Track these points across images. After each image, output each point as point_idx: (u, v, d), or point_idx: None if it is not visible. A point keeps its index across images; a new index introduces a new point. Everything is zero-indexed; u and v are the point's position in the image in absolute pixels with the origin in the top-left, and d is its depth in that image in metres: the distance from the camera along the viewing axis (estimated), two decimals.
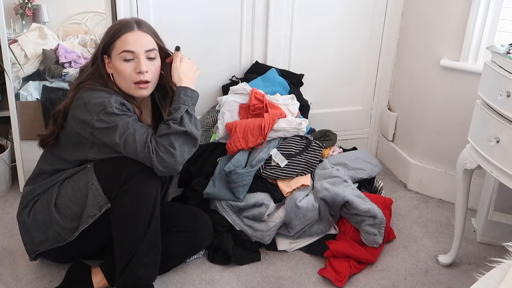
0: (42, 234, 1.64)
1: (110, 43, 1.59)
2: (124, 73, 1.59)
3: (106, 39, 1.60)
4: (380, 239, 1.92)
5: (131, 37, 1.59)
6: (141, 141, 1.50)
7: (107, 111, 1.51)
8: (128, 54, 1.58)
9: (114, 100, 1.53)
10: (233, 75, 2.37)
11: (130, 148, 1.51)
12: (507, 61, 1.50)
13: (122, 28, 1.59)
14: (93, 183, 1.55)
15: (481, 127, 1.62)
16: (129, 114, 1.55)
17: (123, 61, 1.58)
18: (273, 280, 1.81)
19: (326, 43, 2.46)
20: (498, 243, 2.03)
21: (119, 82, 1.61)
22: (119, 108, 1.52)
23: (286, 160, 1.99)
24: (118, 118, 1.51)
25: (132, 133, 1.50)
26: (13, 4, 3.07)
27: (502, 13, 2.03)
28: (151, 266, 1.59)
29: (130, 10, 2.11)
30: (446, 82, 2.23)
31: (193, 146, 1.58)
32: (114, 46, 1.59)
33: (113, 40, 1.58)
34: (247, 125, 2.03)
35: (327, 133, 2.26)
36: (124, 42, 1.58)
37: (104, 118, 1.51)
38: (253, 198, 1.94)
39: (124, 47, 1.58)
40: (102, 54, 1.61)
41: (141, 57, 1.58)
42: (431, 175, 2.39)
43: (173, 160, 1.51)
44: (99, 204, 1.55)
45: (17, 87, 2.34)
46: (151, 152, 1.49)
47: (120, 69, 1.59)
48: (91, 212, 1.55)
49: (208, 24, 2.26)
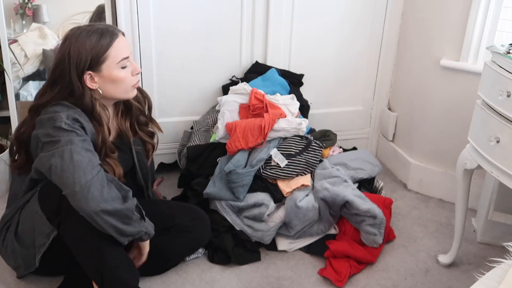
0: (13, 262, 1.62)
1: (99, 56, 1.50)
2: (124, 80, 1.56)
3: (90, 55, 1.49)
4: (380, 239, 1.92)
5: (122, 42, 1.54)
6: (80, 164, 1.38)
7: (55, 125, 1.42)
8: (126, 60, 1.55)
9: (65, 115, 1.44)
10: (233, 75, 2.37)
11: (61, 163, 1.38)
12: (507, 61, 1.49)
13: (106, 37, 1.51)
14: (37, 211, 1.49)
15: (481, 127, 1.62)
16: (79, 132, 1.44)
17: (121, 68, 1.54)
18: (273, 280, 1.81)
19: (326, 43, 2.46)
20: (498, 243, 2.02)
21: (113, 91, 1.56)
22: (69, 124, 1.43)
23: (286, 160, 1.99)
24: (64, 133, 1.42)
25: (72, 150, 1.39)
26: (13, 4, 3.07)
27: (502, 13, 2.03)
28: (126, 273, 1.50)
29: (130, 9, 2.11)
30: (446, 82, 2.23)
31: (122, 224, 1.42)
32: (107, 57, 1.51)
33: (103, 52, 1.50)
34: (247, 125, 2.03)
35: (327, 133, 2.26)
36: (119, 50, 1.53)
37: (51, 132, 1.42)
38: (253, 198, 1.94)
39: (122, 54, 1.54)
40: (83, 74, 1.50)
41: (131, 59, 1.58)
42: (431, 175, 2.39)
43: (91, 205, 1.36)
44: (46, 232, 1.49)
45: (17, 87, 2.34)
46: (85, 183, 1.36)
47: (120, 77, 1.54)
48: (41, 241, 1.50)
49: (208, 24, 2.26)
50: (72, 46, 1.49)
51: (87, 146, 1.45)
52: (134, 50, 2.18)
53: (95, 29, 1.52)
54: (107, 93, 1.57)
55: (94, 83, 1.53)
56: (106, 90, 1.56)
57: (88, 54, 1.49)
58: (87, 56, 1.49)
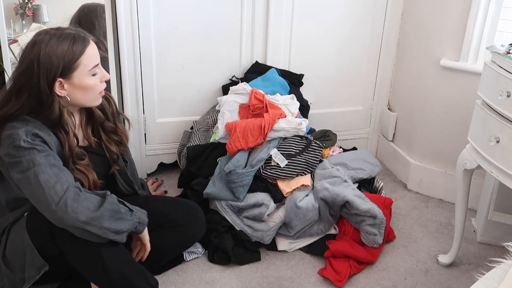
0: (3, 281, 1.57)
1: (72, 64, 1.44)
2: (94, 87, 1.51)
3: (63, 62, 1.43)
4: (380, 239, 1.92)
5: (93, 49, 1.50)
6: (48, 184, 1.35)
7: (15, 144, 1.38)
8: (96, 67, 1.51)
9: (24, 132, 1.40)
10: (233, 75, 2.37)
11: (30, 189, 1.37)
12: (507, 61, 1.50)
13: (79, 44, 1.45)
14: (28, 244, 1.47)
15: (481, 127, 1.62)
16: (40, 148, 1.40)
17: (92, 76, 1.50)
18: (273, 280, 1.82)
19: (326, 43, 2.46)
20: (498, 243, 2.03)
21: (82, 99, 1.52)
22: (29, 141, 1.39)
23: (286, 160, 1.99)
24: (25, 152, 1.38)
25: (36, 172, 1.36)
26: (13, 4, 3.08)
27: (502, 13, 2.03)
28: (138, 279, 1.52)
29: (130, 10, 2.11)
30: (446, 82, 2.23)
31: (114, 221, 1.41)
32: (79, 65, 1.45)
33: (76, 59, 1.44)
34: (247, 125, 2.03)
35: (327, 133, 2.26)
36: (90, 57, 1.48)
37: (12, 152, 1.38)
38: (253, 198, 1.94)
39: (93, 62, 1.49)
40: (54, 81, 1.43)
41: (101, 66, 1.54)
42: (431, 175, 2.39)
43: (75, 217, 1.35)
44: (37, 266, 1.47)
45: None
46: (59, 200, 1.34)
47: (90, 84, 1.49)
48: (32, 273, 1.48)
49: (208, 24, 2.26)
50: (42, 51, 1.41)
51: (52, 160, 1.41)
52: (134, 51, 2.18)
53: (66, 34, 1.45)
54: (75, 101, 1.51)
55: (63, 90, 1.47)
56: (74, 97, 1.50)
57: (60, 61, 1.42)
58: (59, 63, 1.42)
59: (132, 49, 2.18)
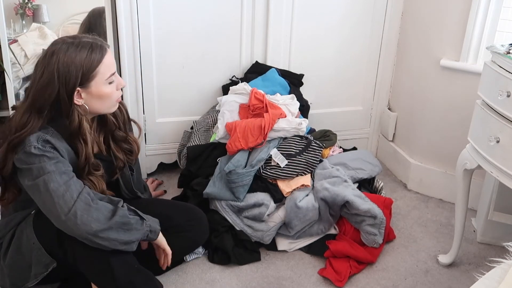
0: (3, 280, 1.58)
1: (90, 73, 1.44)
2: (111, 95, 1.51)
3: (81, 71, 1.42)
4: (380, 239, 1.92)
5: (110, 57, 1.50)
6: (58, 193, 1.36)
7: (25, 150, 1.39)
8: (113, 75, 1.51)
9: (35, 138, 1.40)
10: (233, 75, 2.37)
11: (40, 197, 1.38)
12: (507, 61, 1.50)
13: (97, 53, 1.45)
14: (35, 242, 1.47)
15: (481, 127, 1.62)
16: (50, 155, 1.40)
17: (109, 84, 1.50)
18: (273, 280, 1.82)
19: (326, 43, 2.46)
20: (498, 243, 2.03)
21: (99, 107, 1.51)
22: (39, 147, 1.39)
23: (286, 160, 1.99)
24: (36, 159, 1.38)
25: (45, 180, 1.37)
26: (13, 4, 3.08)
27: (502, 13, 2.03)
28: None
29: (130, 10, 2.11)
30: (446, 82, 2.23)
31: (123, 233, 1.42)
32: (97, 74, 1.45)
33: (94, 68, 1.44)
34: (247, 125, 2.03)
35: (327, 133, 2.26)
36: (108, 66, 1.48)
37: (23, 158, 1.39)
38: (253, 198, 1.94)
39: (111, 70, 1.49)
40: (73, 91, 1.43)
41: (117, 74, 1.54)
42: (431, 175, 2.39)
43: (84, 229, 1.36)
44: (45, 263, 1.48)
45: (17, 87, 2.34)
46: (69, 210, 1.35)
47: (107, 92, 1.49)
48: (39, 270, 1.49)
49: (208, 24, 2.26)
50: (61, 61, 1.40)
51: (62, 168, 1.41)
52: (134, 50, 2.18)
53: (84, 43, 1.45)
54: (92, 109, 1.51)
55: (81, 99, 1.46)
56: (91, 105, 1.50)
57: (78, 70, 1.42)
58: (77, 72, 1.42)
59: (132, 49, 2.18)
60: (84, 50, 1.43)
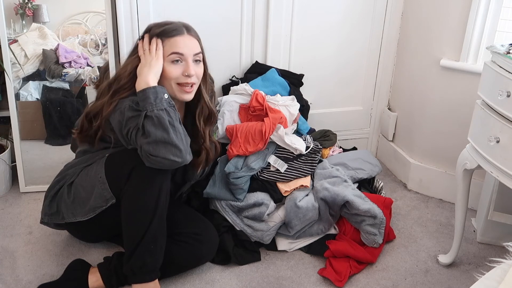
0: (49, 207, 1.74)
1: (166, 36, 1.62)
2: (170, 75, 1.62)
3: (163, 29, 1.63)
4: (380, 239, 1.92)
5: (181, 40, 1.63)
6: None
7: (121, 109, 1.56)
8: (177, 56, 1.61)
9: (130, 100, 1.57)
10: (233, 75, 2.37)
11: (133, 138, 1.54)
12: (507, 61, 1.50)
13: (172, 30, 1.62)
14: (101, 177, 1.59)
15: (481, 127, 1.62)
16: None
17: (171, 62, 1.61)
18: (273, 280, 1.82)
19: (326, 43, 2.46)
20: (498, 243, 2.03)
21: (165, 84, 1.63)
22: (133, 106, 1.56)
23: (286, 165, 1.99)
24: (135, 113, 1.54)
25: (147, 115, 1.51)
26: (13, 4, 3.07)
27: (502, 13, 2.03)
28: (157, 252, 1.61)
29: (130, 9, 2.11)
30: (446, 82, 2.23)
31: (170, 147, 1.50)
32: (166, 44, 1.62)
33: (168, 36, 1.62)
34: (248, 130, 2.02)
35: (327, 133, 2.26)
36: (174, 45, 1.61)
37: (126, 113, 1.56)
38: (253, 198, 1.94)
39: (174, 49, 1.61)
40: None
41: (189, 60, 1.63)
42: (431, 175, 2.39)
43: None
44: (106, 197, 1.60)
45: (17, 87, 2.34)
46: None
47: (167, 70, 1.61)
48: (98, 203, 1.61)
49: (208, 24, 2.26)
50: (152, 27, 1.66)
51: None
52: None
53: (174, 23, 1.66)
54: (160, 84, 1.62)
55: None
56: (159, 80, 1.62)
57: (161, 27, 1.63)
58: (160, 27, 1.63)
59: None
60: (166, 25, 1.65)
